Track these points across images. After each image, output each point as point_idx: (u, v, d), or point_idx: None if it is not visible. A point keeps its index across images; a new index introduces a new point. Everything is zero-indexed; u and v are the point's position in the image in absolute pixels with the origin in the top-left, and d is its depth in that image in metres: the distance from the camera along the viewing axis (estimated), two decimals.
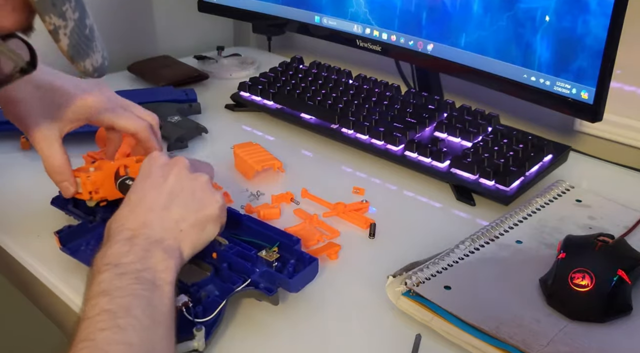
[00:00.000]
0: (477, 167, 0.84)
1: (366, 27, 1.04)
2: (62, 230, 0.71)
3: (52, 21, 0.50)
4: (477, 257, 0.70)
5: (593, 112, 0.82)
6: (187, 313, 0.59)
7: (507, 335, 0.58)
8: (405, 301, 0.64)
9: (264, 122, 1.05)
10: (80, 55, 0.54)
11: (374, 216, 0.81)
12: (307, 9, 1.11)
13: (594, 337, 0.60)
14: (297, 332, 0.63)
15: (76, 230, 0.71)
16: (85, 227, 0.72)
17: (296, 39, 1.43)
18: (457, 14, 0.92)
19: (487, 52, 0.91)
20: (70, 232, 0.71)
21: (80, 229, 0.71)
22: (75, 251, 0.69)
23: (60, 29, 0.51)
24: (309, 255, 0.65)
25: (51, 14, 0.49)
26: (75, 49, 0.53)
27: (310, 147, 0.98)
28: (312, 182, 0.87)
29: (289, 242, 0.67)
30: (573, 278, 0.62)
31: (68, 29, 0.51)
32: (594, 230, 0.73)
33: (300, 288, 0.64)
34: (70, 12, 0.51)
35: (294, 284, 0.63)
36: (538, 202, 0.79)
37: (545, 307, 0.63)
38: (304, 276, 0.64)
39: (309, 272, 0.65)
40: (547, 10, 0.83)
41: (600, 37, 0.78)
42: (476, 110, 0.96)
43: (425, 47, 0.98)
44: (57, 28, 0.50)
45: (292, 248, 0.67)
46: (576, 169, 0.92)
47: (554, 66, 0.84)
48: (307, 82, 1.07)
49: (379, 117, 0.96)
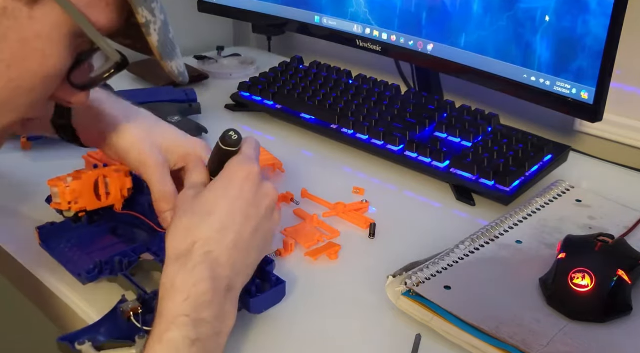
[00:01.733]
0: (477, 167, 0.84)
1: (366, 27, 1.04)
2: (44, 226, 0.70)
3: (144, 14, 0.51)
4: (477, 257, 0.70)
5: (593, 112, 0.82)
6: (135, 319, 0.59)
7: (507, 335, 0.58)
8: (405, 301, 0.64)
9: (264, 122, 1.05)
10: (168, 55, 0.55)
11: (374, 216, 0.81)
12: (307, 9, 1.11)
13: (594, 337, 0.60)
14: (296, 332, 0.63)
15: (58, 227, 0.71)
16: (68, 226, 0.71)
17: (296, 39, 1.43)
18: (457, 14, 0.92)
19: (487, 52, 0.90)
20: (52, 229, 0.70)
21: (63, 227, 0.71)
22: (53, 249, 0.69)
23: (151, 24, 0.52)
24: (277, 277, 0.64)
25: (143, 6, 0.51)
26: (163, 46, 0.54)
27: (310, 147, 0.98)
28: (312, 182, 0.87)
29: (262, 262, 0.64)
30: (573, 279, 0.62)
31: (157, 26, 0.53)
32: (594, 230, 0.73)
33: (263, 310, 0.62)
34: (158, 11, 0.53)
35: (255, 305, 0.61)
36: (538, 202, 0.79)
37: (545, 307, 0.63)
38: (267, 298, 0.62)
39: (274, 295, 0.63)
40: (547, 10, 0.83)
41: (600, 37, 0.78)
42: (476, 110, 0.96)
43: (425, 47, 0.98)
44: (149, 22, 0.52)
45: (262, 268, 0.63)
46: (576, 169, 0.92)
47: (554, 66, 0.84)
48: (307, 82, 1.07)
49: (379, 117, 0.95)
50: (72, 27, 0.49)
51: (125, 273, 0.65)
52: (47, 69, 0.50)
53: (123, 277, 0.65)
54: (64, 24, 0.49)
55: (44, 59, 0.49)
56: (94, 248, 0.70)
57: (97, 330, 0.59)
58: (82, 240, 0.71)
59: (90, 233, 0.72)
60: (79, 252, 0.69)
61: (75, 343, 0.57)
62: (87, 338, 0.57)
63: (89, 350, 0.57)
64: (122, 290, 0.65)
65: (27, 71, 0.49)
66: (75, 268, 0.66)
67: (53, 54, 0.50)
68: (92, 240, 0.71)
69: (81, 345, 0.57)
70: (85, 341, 0.57)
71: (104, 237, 0.72)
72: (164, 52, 0.54)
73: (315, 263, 0.72)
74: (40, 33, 0.48)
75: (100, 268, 0.65)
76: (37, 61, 0.49)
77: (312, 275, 0.70)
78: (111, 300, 0.61)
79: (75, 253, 0.69)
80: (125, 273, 0.65)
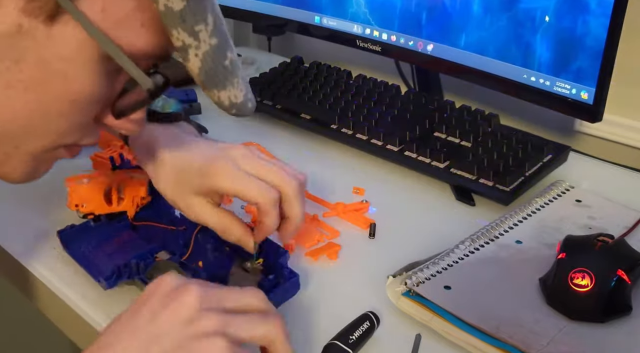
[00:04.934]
0: (477, 167, 0.84)
1: (366, 27, 1.04)
2: (65, 230, 0.71)
3: (181, 37, 0.45)
4: (477, 257, 0.70)
5: (593, 113, 0.82)
6: None
7: (507, 335, 0.58)
8: (405, 301, 0.64)
9: (263, 122, 1.05)
10: (214, 83, 0.49)
11: (374, 216, 0.81)
12: (307, 9, 1.11)
13: (594, 337, 0.60)
14: (296, 332, 0.63)
15: (79, 230, 0.71)
16: (88, 227, 0.72)
17: (296, 39, 1.43)
18: (457, 14, 0.92)
19: (487, 52, 0.91)
20: (72, 232, 0.71)
21: (83, 229, 0.71)
22: (75, 252, 0.69)
23: (190, 48, 0.46)
24: (290, 270, 0.64)
25: (179, 28, 0.45)
26: (207, 74, 0.48)
27: (310, 147, 0.98)
28: (312, 182, 0.87)
29: (275, 253, 0.65)
30: (573, 279, 0.62)
31: (200, 50, 0.47)
32: (594, 230, 0.73)
33: (278, 305, 0.62)
34: (205, 35, 0.47)
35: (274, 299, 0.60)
36: (538, 202, 0.79)
37: (545, 307, 0.63)
38: (282, 292, 0.63)
39: (288, 288, 0.63)
40: (547, 10, 0.83)
41: (600, 37, 0.78)
42: (476, 111, 0.96)
43: (425, 48, 0.98)
44: (187, 46, 0.46)
45: (276, 261, 0.64)
46: (576, 169, 0.92)
47: (554, 66, 0.84)
48: (307, 82, 1.07)
49: (378, 118, 0.96)
50: (99, 50, 0.46)
51: (142, 277, 0.65)
52: (72, 94, 0.47)
53: (139, 281, 0.65)
54: (87, 46, 0.45)
55: (67, 83, 0.46)
56: (113, 248, 0.70)
57: None
58: (102, 241, 0.71)
59: (110, 231, 0.72)
60: (100, 253, 0.69)
61: None
62: None
63: None
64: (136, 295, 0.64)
65: (48, 94, 0.46)
66: (96, 273, 0.66)
67: (77, 78, 0.46)
68: (112, 238, 0.71)
69: None
70: None
71: (123, 232, 0.72)
72: (209, 81, 0.49)
73: (315, 263, 0.72)
74: (61, 55, 0.45)
75: (118, 273, 0.65)
76: (60, 84, 0.46)
77: (312, 276, 0.70)
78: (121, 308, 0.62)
79: (96, 256, 0.69)
80: (142, 277, 0.65)
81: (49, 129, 0.49)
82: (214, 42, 0.47)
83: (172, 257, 0.67)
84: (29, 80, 0.45)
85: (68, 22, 0.44)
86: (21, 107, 0.46)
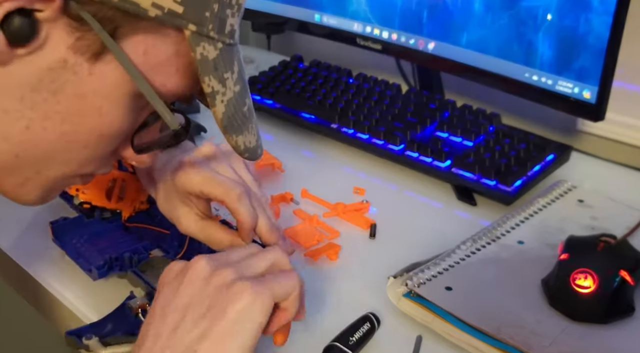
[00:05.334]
0: (479, 167, 0.84)
1: (366, 25, 1.04)
2: (57, 221, 0.71)
3: (211, 84, 0.48)
4: (479, 258, 0.70)
5: (595, 112, 0.82)
6: (143, 315, 0.59)
7: (508, 336, 0.58)
8: (406, 302, 0.63)
9: (263, 121, 1.05)
10: (234, 129, 0.51)
11: (374, 216, 0.80)
12: (307, 7, 1.10)
13: (596, 338, 0.59)
14: (295, 332, 0.62)
15: (71, 223, 0.71)
16: (81, 221, 0.71)
17: (296, 38, 1.42)
18: (459, 12, 0.92)
19: (488, 50, 0.90)
20: (65, 224, 0.71)
21: (76, 223, 0.71)
22: (66, 244, 0.69)
23: (217, 95, 0.49)
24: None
25: (211, 75, 0.48)
26: (229, 120, 0.51)
27: (310, 147, 0.98)
28: (312, 182, 0.86)
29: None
30: (575, 279, 0.62)
31: (226, 97, 0.50)
32: (597, 231, 0.72)
33: None
34: (231, 83, 0.50)
35: None
36: (540, 202, 0.79)
37: (547, 308, 0.63)
38: None
39: None
40: (549, 8, 0.82)
41: (602, 35, 0.78)
42: (477, 110, 0.95)
43: (426, 46, 0.97)
44: (215, 92, 0.49)
45: None
46: (578, 168, 0.91)
47: (556, 65, 0.84)
48: (307, 81, 1.06)
49: (379, 116, 0.95)
50: (133, 88, 0.48)
51: (135, 269, 0.65)
52: (103, 127, 0.49)
53: (132, 274, 0.65)
54: (124, 84, 0.47)
55: (100, 117, 0.48)
56: (105, 244, 0.70)
57: (104, 325, 0.60)
58: (94, 236, 0.71)
59: (102, 228, 0.72)
60: (91, 247, 0.69)
61: (83, 338, 0.58)
62: (94, 333, 0.58)
63: (96, 345, 0.58)
64: (126, 290, 0.64)
65: (82, 127, 0.48)
66: (86, 263, 0.66)
67: (110, 113, 0.48)
68: (104, 235, 0.71)
69: (88, 339, 0.58)
70: (93, 336, 0.58)
71: (116, 232, 0.72)
72: (229, 125, 0.51)
73: (315, 263, 0.72)
74: (98, 90, 0.47)
75: (110, 264, 0.65)
76: (93, 118, 0.48)
77: (312, 276, 0.70)
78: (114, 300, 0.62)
79: (87, 249, 0.69)
80: (135, 270, 0.65)
81: (72, 158, 0.50)
82: (237, 89, 0.51)
83: (167, 255, 0.67)
84: (66, 112, 0.47)
85: (110, 61, 0.46)
86: (56, 138, 0.48)
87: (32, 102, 0.46)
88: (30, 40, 0.43)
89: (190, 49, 0.47)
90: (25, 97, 0.46)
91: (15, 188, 0.51)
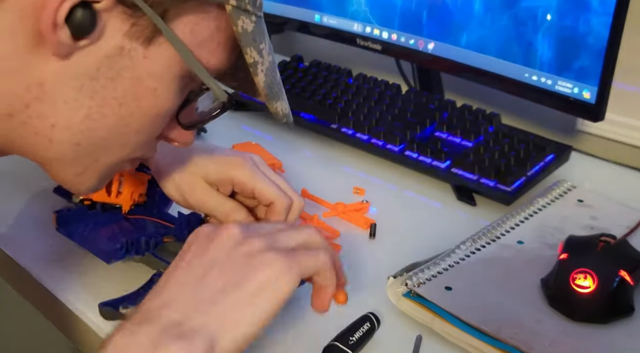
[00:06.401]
0: (478, 167, 0.84)
1: (366, 25, 1.04)
2: (61, 210, 0.71)
3: (252, 54, 0.51)
4: (478, 258, 0.70)
5: (595, 112, 0.82)
6: None
7: (508, 336, 0.58)
8: (405, 302, 0.63)
9: (263, 121, 1.05)
10: (274, 96, 0.55)
11: (374, 216, 0.80)
12: (307, 7, 1.10)
13: (596, 338, 0.59)
14: (295, 332, 0.62)
15: (75, 213, 0.71)
16: (83, 211, 0.72)
17: (296, 38, 1.42)
18: (458, 13, 0.92)
19: (488, 51, 0.90)
20: (69, 214, 0.71)
21: (79, 212, 0.71)
22: (72, 233, 0.69)
23: (258, 64, 0.52)
24: None
25: (251, 47, 0.51)
26: (270, 88, 0.54)
27: (310, 147, 0.98)
28: (312, 182, 0.86)
29: None
30: (575, 279, 0.62)
31: (264, 66, 0.53)
32: (596, 231, 0.72)
33: None
34: (266, 53, 0.53)
35: None
36: (539, 202, 0.79)
37: (546, 308, 0.63)
38: None
39: None
40: (549, 8, 0.82)
41: (602, 35, 0.78)
42: (477, 110, 0.95)
43: (426, 46, 0.98)
44: (256, 62, 0.52)
45: None
46: (578, 168, 0.91)
47: (556, 65, 0.84)
48: (307, 81, 1.06)
49: (379, 117, 0.95)
50: (183, 67, 0.50)
51: (154, 252, 0.65)
52: (157, 109, 0.51)
53: (152, 256, 0.65)
54: (175, 64, 0.49)
55: (155, 98, 0.50)
56: (113, 232, 0.70)
57: (136, 298, 0.61)
58: (100, 225, 0.71)
59: (106, 219, 0.72)
60: (99, 234, 0.69)
61: (120, 307, 0.60)
62: (129, 303, 0.60)
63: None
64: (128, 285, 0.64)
65: (139, 110, 0.50)
66: (97, 248, 0.67)
67: (164, 94, 0.50)
68: (109, 224, 0.71)
69: (125, 308, 0.60)
70: (129, 306, 0.60)
71: (120, 222, 0.72)
72: (271, 93, 0.54)
73: None
74: (152, 72, 0.49)
75: (127, 247, 0.65)
76: (149, 100, 0.50)
77: None
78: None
79: (97, 236, 0.69)
80: (154, 252, 0.65)
81: (127, 142, 0.52)
82: (271, 59, 0.54)
83: (179, 241, 0.67)
84: (123, 97, 0.49)
85: (162, 43, 0.48)
86: (114, 123, 0.49)
87: (91, 91, 0.47)
88: (90, 31, 0.45)
89: (232, 23, 0.49)
90: (84, 86, 0.47)
91: (74, 178, 0.52)
